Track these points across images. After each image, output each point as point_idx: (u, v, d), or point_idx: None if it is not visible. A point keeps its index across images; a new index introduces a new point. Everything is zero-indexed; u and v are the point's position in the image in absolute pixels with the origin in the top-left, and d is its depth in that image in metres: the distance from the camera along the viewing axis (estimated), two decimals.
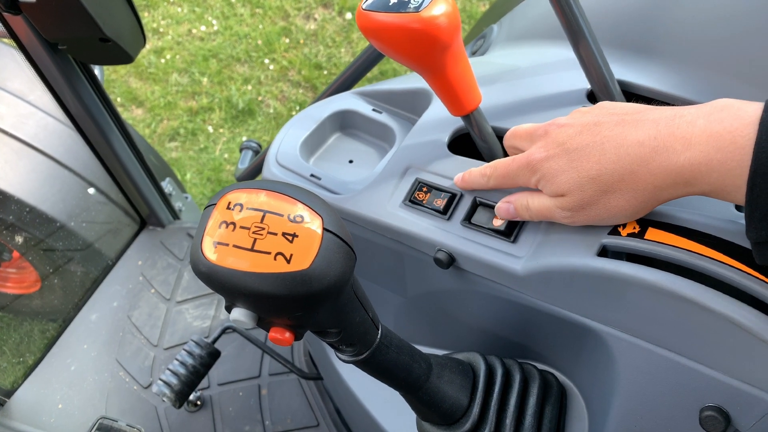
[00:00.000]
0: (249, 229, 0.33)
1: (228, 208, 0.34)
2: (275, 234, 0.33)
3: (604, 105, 0.45)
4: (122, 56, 0.88)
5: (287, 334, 0.37)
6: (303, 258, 0.33)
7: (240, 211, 0.34)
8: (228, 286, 0.33)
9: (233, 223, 0.33)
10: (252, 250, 0.33)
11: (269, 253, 0.33)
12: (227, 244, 0.33)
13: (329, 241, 0.34)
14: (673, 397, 0.44)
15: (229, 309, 0.36)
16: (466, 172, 0.54)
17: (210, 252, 0.33)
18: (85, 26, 0.79)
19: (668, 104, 0.57)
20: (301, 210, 0.34)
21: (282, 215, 0.34)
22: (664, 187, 0.40)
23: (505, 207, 0.51)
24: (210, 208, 0.35)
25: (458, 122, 0.61)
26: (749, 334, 0.39)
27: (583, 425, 0.53)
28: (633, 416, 0.46)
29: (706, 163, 0.37)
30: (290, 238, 0.33)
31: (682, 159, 0.38)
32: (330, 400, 1.00)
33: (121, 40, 0.84)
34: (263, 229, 0.33)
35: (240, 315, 0.35)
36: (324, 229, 0.34)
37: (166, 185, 1.27)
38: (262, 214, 0.34)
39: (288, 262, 0.33)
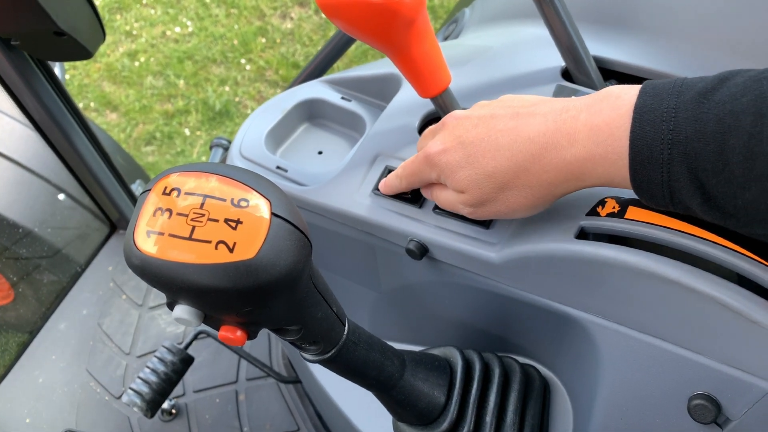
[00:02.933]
0: (187, 216, 0.30)
1: (164, 193, 0.31)
2: (216, 221, 0.30)
3: (504, 98, 0.45)
4: (80, 51, 0.84)
5: (239, 333, 0.34)
6: (248, 246, 0.30)
7: (177, 196, 0.30)
8: (164, 280, 0.29)
9: (169, 210, 0.30)
10: (190, 239, 0.29)
11: (209, 241, 0.29)
12: (162, 233, 0.30)
13: (279, 227, 0.31)
14: (660, 385, 0.41)
15: (171, 306, 0.33)
16: (387, 177, 0.53)
17: (143, 242, 0.30)
18: (36, 18, 0.74)
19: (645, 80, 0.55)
20: (246, 194, 0.31)
21: (224, 200, 0.30)
22: (558, 183, 0.40)
23: (426, 192, 0.50)
24: (145, 194, 0.31)
25: (429, 106, 0.58)
26: (738, 316, 0.36)
27: (567, 419, 0.51)
28: (619, 408, 0.44)
29: (590, 158, 0.37)
30: (233, 224, 0.30)
31: (568, 155, 0.38)
32: (310, 403, 0.96)
33: (78, 33, 0.80)
34: (203, 215, 0.30)
35: (183, 313, 0.32)
36: (272, 214, 0.31)
37: (137, 188, 1.23)
38: (201, 199, 0.30)
39: (231, 251, 0.29)
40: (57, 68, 1.01)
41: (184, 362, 0.85)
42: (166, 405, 0.99)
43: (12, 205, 1.11)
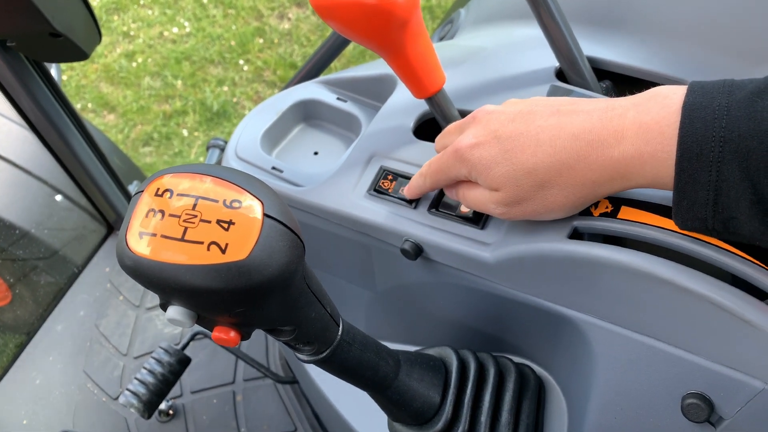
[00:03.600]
0: (179, 217, 0.30)
1: (157, 194, 0.31)
2: (209, 222, 0.30)
3: (537, 98, 0.43)
4: (76, 53, 0.84)
5: (232, 334, 0.34)
6: (240, 247, 0.30)
7: (170, 197, 0.30)
8: (156, 281, 0.30)
9: (162, 211, 0.30)
10: (182, 240, 0.29)
11: (202, 242, 0.29)
12: (155, 234, 0.30)
13: (271, 228, 0.31)
14: (654, 385, 0.41)
15: (164, 307, 0.33)
16: (410, 181, 0.51)
17: (135, 243, 0.30)
18: (32, 20, 0.75)
19: (639, 80, 0.55)
20: (238, 195, 0.31)
21: (217, 201, 0.30)
22: (602, 182, 0.38)
23: (451, 192, 0.48)
24: (138, 195, 0.31)
25: (424, 107, 0.58)
26: (731, 315, 0.36)
27: (562, 419, 0.51)
28: (613, 407, 0.44)
29: (639, 156, 0.36)
30: (226, 225, 0.30)
31: (616, 153, 0.37)
32: (307, 403, 0.96)
33: (74, 35, 0.80)
34: (195, 216, 0.30)
35: (176, 314, 0.32)
36: (265, 215, 0.31)
37: (133, 188, 1.23)
38: (194, 200, 0.30)
39: (223, 252, 0.29)
40: (53, 69, 1.01)
41: (181, 363, 0.85)
42: (163, 406, 0.99)
43: (9, 206, 1.11)
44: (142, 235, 0.30)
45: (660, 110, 0.36)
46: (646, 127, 0.36)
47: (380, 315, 0.64)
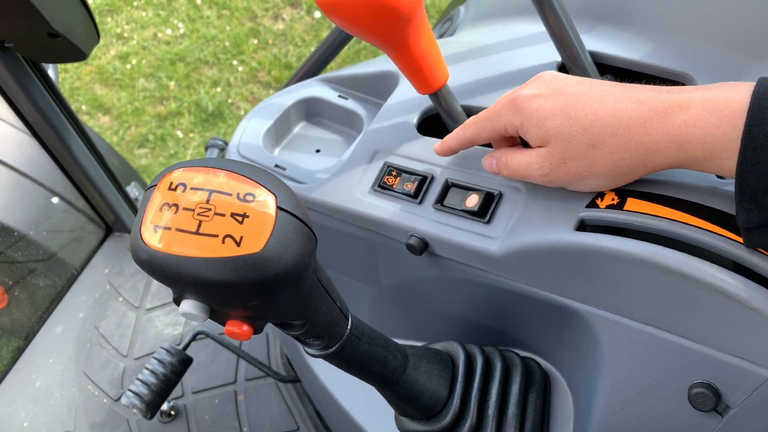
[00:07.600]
0: (193, 210, 0.30)
1: (170, 188, 0.31)
2: (223, 215, 0.30)
3: None
4: (75, 53, 0.84)
5: (245, 327, 0.34)
6: (255, 240, 0.30)
7: (183, 191, 0.31)
8: (171, 274, 0.30)
9: (176, 205, 0.30)
10: (197, 233, 0.30)
11: (216, 235, 0.30)
12: (169, 228, 0.30)
13: (285, 221, 0.31)
14: (661, 375, 0.41)
15: (177, 302, 0.33)
16: (448, 135, 0.50)
17: (150, 237, 0.30)
18: (30, 20, 0.74)
19: (640, 74, 0.55)
20: (252, 188, 0.31)
21: (230, 194, 0.31)
22: (656, 150, 0.38)
23: (489, 161, 0.48)
24: (151, 189, 0.32)
25: (427, 103, 0.58)
26: (738, 304, 0.37)
27: (568, 411, 0.51)
28: (619, 398, 0.44)
29: (701, 125, 0.36)
30: (240, 218, 0.30)
31: (678, 120, 0.37)
32: (309, 402, 0.96)
33: (72, 35, 0.80)
34: (209, 210, 0.30)
35: (189, 307, 0.32)
36: (278, 208, 0.31)
37: (132, 189, 1.23)
38: (207, 193, 0.30)
39: (238, 245, 0.30)
40: (50, 70, 1.01)
41: (182, 363, 0.85)
42: (165, 406, 0.99)
43: (6, 208, 1.11)
44: (157, 229, 0.30)
45: (730, 89, 0.36)
46: (714, 100, 0.36)
47: (385, 311, 0.64)
